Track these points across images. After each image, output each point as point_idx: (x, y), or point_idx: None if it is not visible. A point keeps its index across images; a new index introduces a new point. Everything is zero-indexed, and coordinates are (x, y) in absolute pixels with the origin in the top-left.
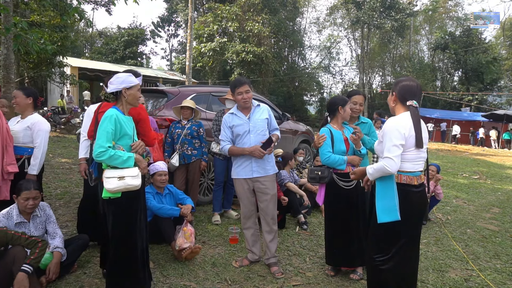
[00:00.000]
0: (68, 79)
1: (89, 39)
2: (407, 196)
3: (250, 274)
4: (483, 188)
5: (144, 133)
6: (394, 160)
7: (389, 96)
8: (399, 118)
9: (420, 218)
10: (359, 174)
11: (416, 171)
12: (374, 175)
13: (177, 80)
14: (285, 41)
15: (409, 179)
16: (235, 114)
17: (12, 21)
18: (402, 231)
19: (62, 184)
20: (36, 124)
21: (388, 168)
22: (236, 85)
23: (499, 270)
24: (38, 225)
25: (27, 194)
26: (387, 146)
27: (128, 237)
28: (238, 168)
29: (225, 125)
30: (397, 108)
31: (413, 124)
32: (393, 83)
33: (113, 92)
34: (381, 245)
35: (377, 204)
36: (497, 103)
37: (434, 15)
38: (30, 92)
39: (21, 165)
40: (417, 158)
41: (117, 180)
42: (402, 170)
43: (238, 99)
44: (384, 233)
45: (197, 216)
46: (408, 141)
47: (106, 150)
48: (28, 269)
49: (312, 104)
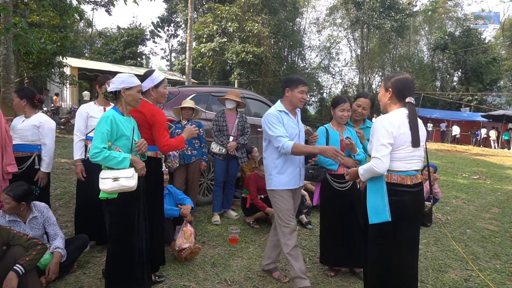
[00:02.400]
0: (68, 79)
1: (89, 39)
2: (399, 196)
3: (250, 274)
4: (482, 188)
5: (155, 139)
6: (382, 160)
7: (381, 92)
8: (389, 116)
9: (416, 219)
10: (353, 174)
11: (409, 170)
12: (364, 176)
13: (177, 81)
14: (284, 41)
15: (400, 179)
16: (286, 113)
17: (12, 21)
18: (397, 232)
19: (62, 185)
20: (44, 123)
21: (375, 168)
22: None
23: (498, 270)
24: (35, 226)
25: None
26: (375, 146)
27: (125, 238)
28: (282, 177)
29: (277, 121)
30: (391, 105)
31: (410, 122)
32: (385, 78)
33: (113, 91)
34: (377, 246)
35: (368, 204)
36: (497, 103)
37: (433, 15)
38: (23, 94)
39: (32, 162)
40: (409, 157)
41: (111, 181)
42: (393, 170)
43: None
44: (378, 234)
45: (196, 217)
46: (397, 139)
47: (100, 151)
48: (19, 269)
49: (312, 104)
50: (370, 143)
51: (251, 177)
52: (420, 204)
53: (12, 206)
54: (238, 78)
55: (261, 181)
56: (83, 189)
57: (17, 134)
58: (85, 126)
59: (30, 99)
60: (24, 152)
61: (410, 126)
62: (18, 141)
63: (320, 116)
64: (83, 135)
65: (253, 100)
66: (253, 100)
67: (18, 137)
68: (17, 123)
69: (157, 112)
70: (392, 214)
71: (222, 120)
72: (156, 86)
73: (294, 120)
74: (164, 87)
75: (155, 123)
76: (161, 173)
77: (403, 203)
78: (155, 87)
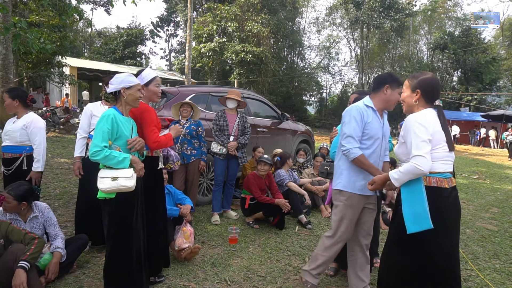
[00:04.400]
0: (67, 79)
1: (88, 39)
2: (438, 202)
3: (249, 274)
4: (482, 188)
5: (144, 136)
6: (426, 157)
7: (407, 93)
8: (421, 113)
9: (455, 227)
10: (379, 182)
11: (446, 172)
12: (401, 180)
13: (176, 80)
14: (284, 41)
15: (439, 182)
16: (374, 110)
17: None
18: (436, 241)
19: (61, 185)
20: (31, 123)
21: (419, 167)
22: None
23: (498, 270)
24: (35, 226)
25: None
26: (415, 143)
27: (123, 238)
28: (358, 180)
29: (358, 119)
30: (419, 108)
31: (441, 125)
32: (410, 77)
33: (113, 92)
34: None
35: (405, 213)
36: (496, 103)
37: (433, 15)
38: (15, 94)
39: (20, 163)
40: (446, 157)
41: (110, 181)
42: (431, 171)
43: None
44: (414, 243)
45: (196, 216)
46: (434, 137)
47: (101, 149)
48: (26, 265)
49: (312, 104)
50: (399, 145)
51: (250, 177)
52: (459, 210)
53: (12, 206)
54: (238, 78)
55: (260, 181)
56: (84, 188)
57: (7, 136)
58: (88, 125)
59: (22, 99)
60: (13, 153)
61: (443, 127)
62: (8, 143)
63: (320, 116)
64: (85, 133)
65: (253, 100)
66: (253, 100)
67: (8, 138)
68: (8, 124)
69: (146, 110)
70: (432, 221)
71: (222, 120)
72: (146, 85)
73: (380, 121)
74: (156, 85)
75: (143, 120)
76: (159, 171)
77: (443, 209)
78: (145, 85)
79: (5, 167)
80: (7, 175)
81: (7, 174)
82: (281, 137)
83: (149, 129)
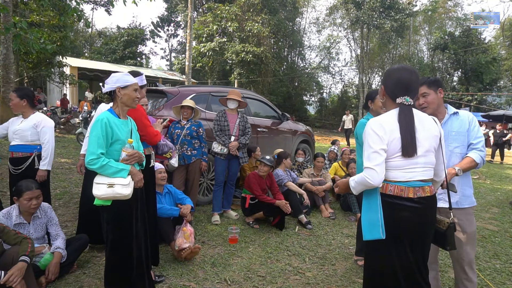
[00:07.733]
0: (68, 79)
1: (89, 39)
2: (395, 210)
3: (249, 274)
4: (482, 188)
5: (144, 133)
6: (376, 170)
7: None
8: (380, 118)
9: (419, 242)
10: (342, 187)
11: (412, 181)
12: (356, 189)
13: (176, 80)
14: (284, 41)
15: (398, 190)
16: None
17: (11, 21)
18: (392, 254)
19: (62, 184)
20: (41, 123)
21: (369, 180)
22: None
23: (498, 270)
24: (38, 227)
25: (30, 194)
26: (367, 154)
27: (121, 245)
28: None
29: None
30: (388, 105)
31: (400, 127)
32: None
33: (108, 92)
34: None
35: (362, 218)
36: (497, 103)
37: (433, 15)
38: (23, 94)
39: (32, 162)
40: (409, 165)
41: (106, 187)
42: (389, 179)
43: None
44: (369, 252)
45: (196, 216)
46: (391, 145)
47: (98, 157)
48: (27, 259)
49: (312, 104)
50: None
51: (251, 176)
52: (426, 223)
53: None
54: (238, 78)
55: (261, 180)
56: (88, 189)
57: (16, 135)
58: None
59: (30, 99)
60: (24, 152)
61: (401, 131)
62: (18, 142)
63: (320, 116)
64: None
65: (253, 100)
66: (253, 100)
67: (17, 137)
68: (16, 124)
69: (132, 110)
70: (387, 232)
71: (223, 120)
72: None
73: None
74: (133, 90)
75: (136, 119)
76: (151, 168)
77: (402, 219)
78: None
79: (14, 166)
80: (14, 174)
81: (15, 173)
82: (281, 137)
83: (143, 127)
